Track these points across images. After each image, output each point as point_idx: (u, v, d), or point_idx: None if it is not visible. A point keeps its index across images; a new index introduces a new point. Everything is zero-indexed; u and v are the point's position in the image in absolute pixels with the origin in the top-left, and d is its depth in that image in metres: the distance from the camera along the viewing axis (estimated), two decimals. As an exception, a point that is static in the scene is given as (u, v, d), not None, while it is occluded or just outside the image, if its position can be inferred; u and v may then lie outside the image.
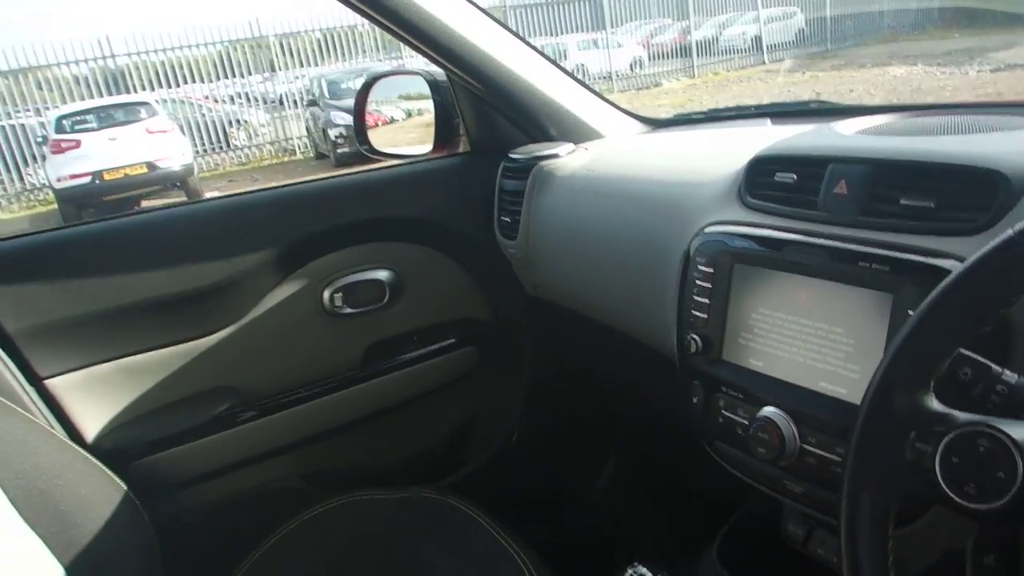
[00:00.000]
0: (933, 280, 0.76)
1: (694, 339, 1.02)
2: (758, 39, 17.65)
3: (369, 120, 1.73)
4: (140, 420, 1.44)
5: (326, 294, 1.56)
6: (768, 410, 0.92)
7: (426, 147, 1.68)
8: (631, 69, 17.56)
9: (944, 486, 0.56)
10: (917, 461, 0.58)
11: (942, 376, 0.63)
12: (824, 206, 0.91)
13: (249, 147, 14.49)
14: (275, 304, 1.52)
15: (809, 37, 17.95)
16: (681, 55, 17.61)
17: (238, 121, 14.39)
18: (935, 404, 0.60)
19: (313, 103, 13.75)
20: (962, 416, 0.57)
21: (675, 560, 1.11)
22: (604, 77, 16.72)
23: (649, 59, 17.81)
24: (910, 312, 0.76)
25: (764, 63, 17.38)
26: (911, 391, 0.60)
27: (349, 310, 1.59)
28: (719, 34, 17.88)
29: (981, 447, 0.55)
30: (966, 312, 0.59)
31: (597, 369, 1.90)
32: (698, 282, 1.04)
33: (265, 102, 14.89)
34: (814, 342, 0.89)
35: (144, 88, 13.51)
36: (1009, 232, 0.57)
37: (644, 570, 0.83)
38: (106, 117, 11.43)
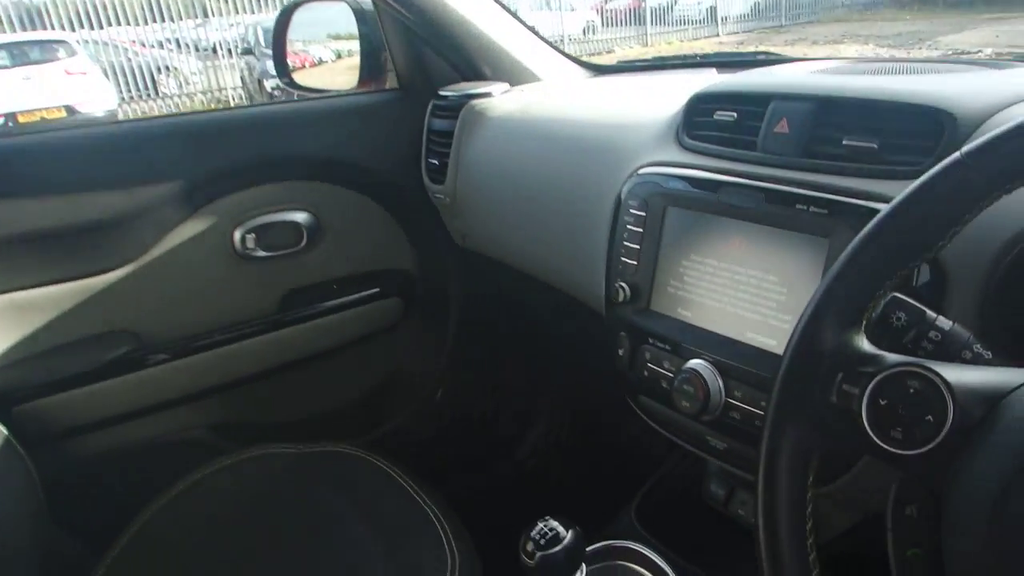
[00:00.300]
0: (872, 224, 0.73)
1: (622, 287, 0.98)
2: (713, 10, 17.67)
3: (295, 60, 1.65)
4: (25, 362, 1.35)
5: (237, 235, 1.48)
6: (694, 362, 0.88)
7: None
8: (584, 34, 17.42)
9: (869, 431, 0.52)
10: (843, 404, 0.54)
11: (874, 320, 0.59)
12: (764, 146, 0.87)
13: (179, 95, 14.00)
14: (180, 243, 1.43)
15: (764, 11, 18.03)
16: (635, 22, 17.51)
17: (167, 68, 13.83)
18: (865, 344, 0.56)
19: (248, 52, 13.31)
20: (893, 357, 0.54)
21: (593, 519, 1.08)
22: (556, 39, 16.59)
23: (603, 24, 17.67)
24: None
25: (718, 35, 17.41)
26: (841, 330, 0.56)
27: (263, 253, 1.51)
28: (674, 3, 17.85)
29: (911, 388, 0.51)
30: (900, 248, 0.55)
31: (526, 324, 1.86)
32: (629, 227, 0.99)
33: (197, 49, 14.40)
34: (745, 291, 0.86)
35: (64, 28, 12.92)
36: (943, 163, 0.54)
37: (555, 524, 0.78)
38: (19, 55, 10.58)
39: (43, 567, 1.14)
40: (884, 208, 0.56)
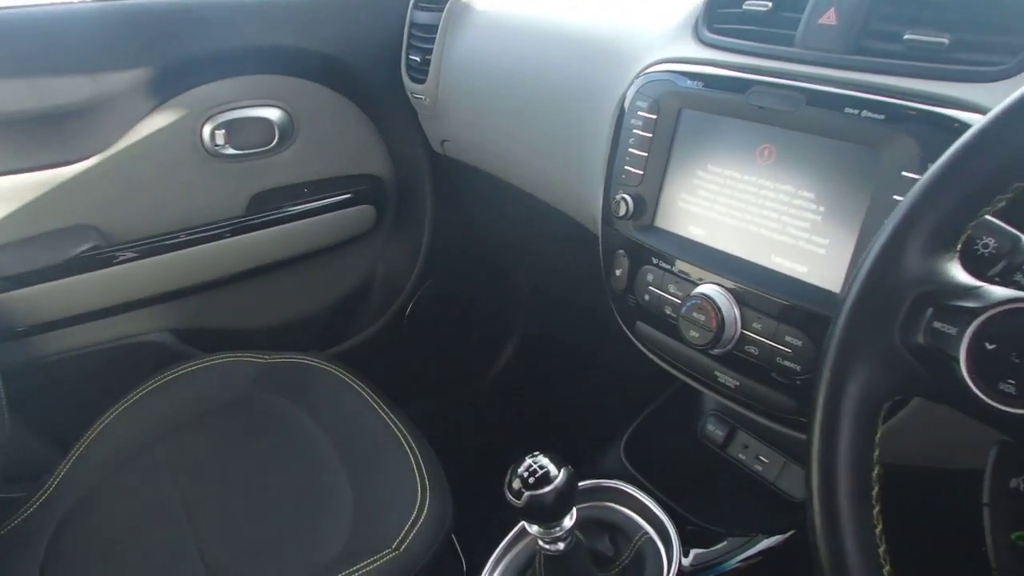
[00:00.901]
0: (940, 135, 0.59)
1: (624, 200, 0.84)
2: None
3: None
4: None
5: (206, 130, 1.36)
6: (706, 287, 0.75)
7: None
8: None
9: (969, 382, 0.40)
10: (933, 346, 0.42)
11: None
12: (804, 41, 0.72)
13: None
14: (146, 135, 1.31)
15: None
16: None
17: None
18: (961, 274, 0.43)
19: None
20: (1001, 291, 0.41)
21: (576, 453, 0.97)
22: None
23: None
24: (905, 174, 0.60)
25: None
26: (930, 254, 0.43)
27: (232, 151, 1.39)
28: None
29: None
30: (1012, 156, 0.42)
31: (505, 239, 1.73)
32: (635, 131, 0.84)
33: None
34: (772, 208, 0.72)
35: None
36: None
37: (545, 460, 0.66)
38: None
39: (3, 466, 1.09)
40: (1004, 102, 0.43)
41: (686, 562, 0.82)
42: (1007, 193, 0.42)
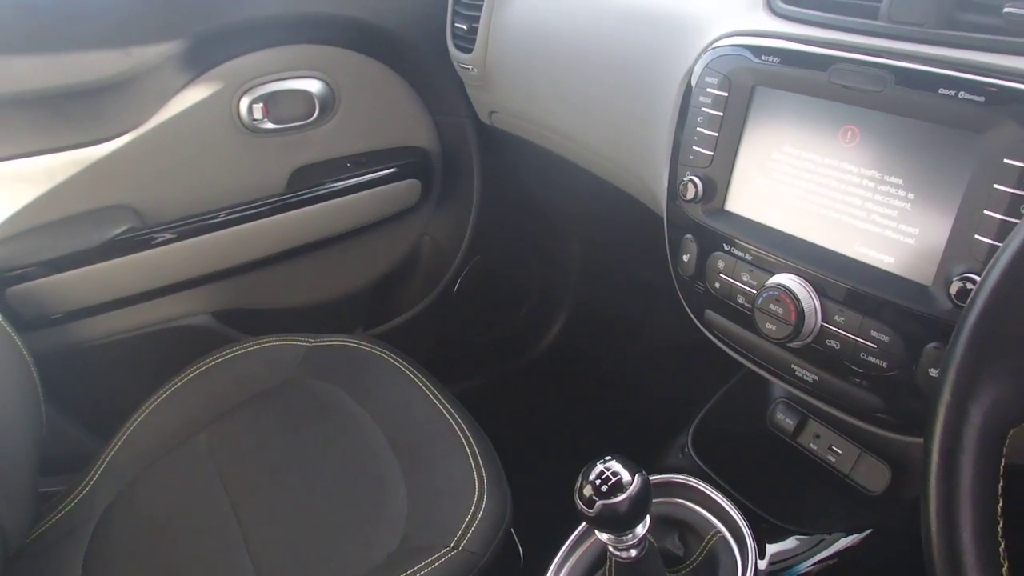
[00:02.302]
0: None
1: (692, 182, 0.83)
2: None
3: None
4: (16, 240, 1.25)
5: (243, 103, 1.35)
6: (784, 277, 0.74)
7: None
8: None
9: None
10: None
11: None
12: (891, 14, 0.69)
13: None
14: (182, 111, 1.31)
15: None
16: None
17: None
18: None
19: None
20: None
21: (636, 440, 0.97)
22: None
23: None
24: (1008, 161, 0.58)
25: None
26: None
27: (271, 125, 1.39)
28: None
29: None
30: None
31: (556, 212, 1.72)
32: (704, 109, 0.83)
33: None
34: (857, 194, 0.70)
35: None
36: None
37: (618, 467, 0.66)
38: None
39: (44, 456, 1.09)
40: None
41: (762, 564, 0.82)
42: None
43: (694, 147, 0.84)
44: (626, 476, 0.65)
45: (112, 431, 1.15)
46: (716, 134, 0.82)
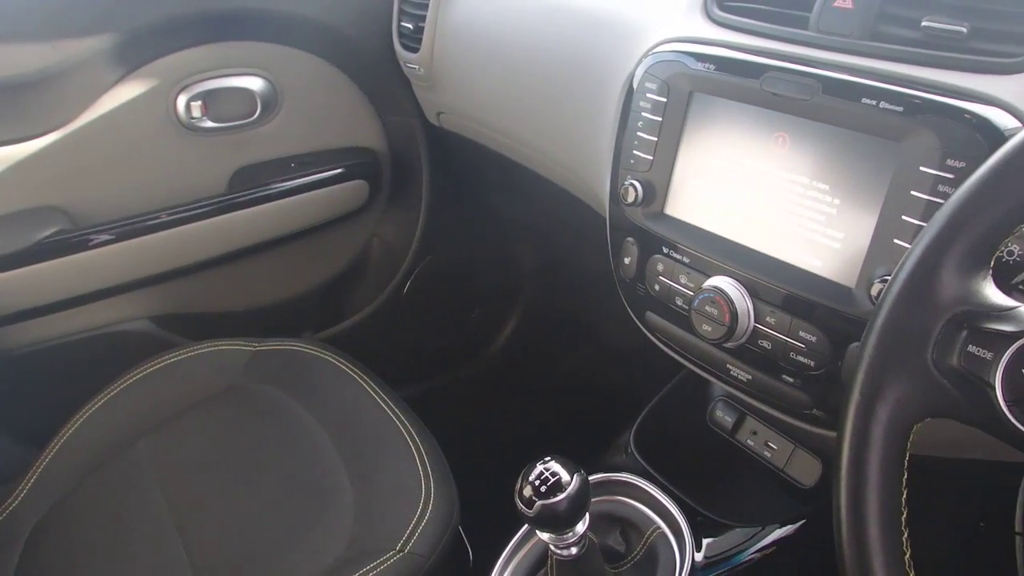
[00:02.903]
0: (959, 129, 0.61)
1: (633, 186, 0.86)
2: None
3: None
4: None
5: (181, 101, 1.34)
6: (719, 279, 0.78)
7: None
8: None
9: (1005, 409, 0.42)
10: (967, 370, 0.44)
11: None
12: (819, 24, 0.73)
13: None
14: (113, 108, 1.28)
15: None
16: None
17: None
18: (996, 295, 0.45)
19: None
20: None
21: (582, 441, 1.00)
22: None
23: None
24: (923, 169, 0.63)
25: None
26: (964, 273, 0.45)
27: (210, 124, 1.38)
28: None
29: None
30: None
31: (506, 213, 1.74)
32: (644, 114, 0.86)
33: None
34: (787, 199, 0.74)
35: None
36: None
37: (558, 467, 0.69)
38: None
39: None
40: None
41: (699, 556, 0.86)
42: None
43: (634, 151, 0.88)
44: (565, 476, 0.68)
45: (44, 442, 1.12)
46: (656, 139, 0.85)
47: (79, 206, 1.31)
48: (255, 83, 1.39)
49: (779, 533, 0.90)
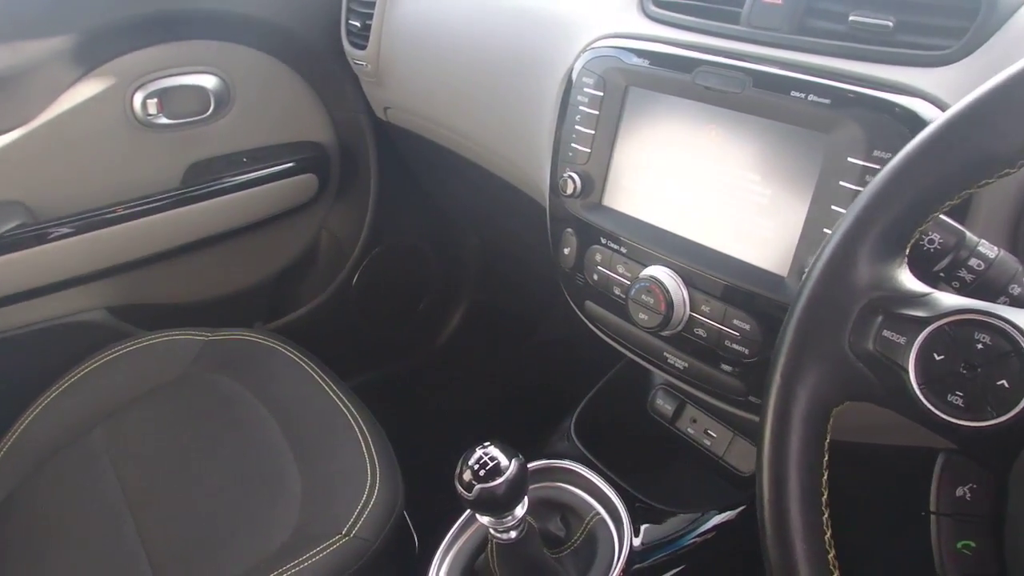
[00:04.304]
0: (885, 121, 0.59)
1: (571, 178, 0.83)
2: None
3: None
4: None
5: (137, 99, 1.31)
6: (655, 269, 0.75)
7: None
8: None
9: (918, 392, 0.41)
10: (882, 354, 0.42)
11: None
12: (750, 19, 0.71)
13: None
14: (73, 106, 1.25)
15: None
16: None
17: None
18: (909, 280, 0.43)
19: None
20: (950, 299, 0.42)
21: (525, 429, 0.98)
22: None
23: None
24: (851, 160, 0.61)
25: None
26: (878, 259, 0.43)
27: (165, 120, 1.34)
28: None
29: (980, 343, 0.39)
30: (977, 156, 0.42)
31: (452, 206, 1.71)
32: (582, 108, 0.84)
33: None
34: (720, 190, 0.72)
35: None
36: None
37: (496, 452, 0.66)
38: None
39: None
40: (963, 101, 0.43)
41: (637, 541, 0.84)
42: (956, 199, 0.42)
43: (573, 144, 0.85)
44: (504, 461, 0.66)
45: (3, 429, 1.10)
46: (593, 132, 0.83)
47: (39, 201, 1.27)
48: (208, 81, 1.36)
49: (719, 519, 0.88)
